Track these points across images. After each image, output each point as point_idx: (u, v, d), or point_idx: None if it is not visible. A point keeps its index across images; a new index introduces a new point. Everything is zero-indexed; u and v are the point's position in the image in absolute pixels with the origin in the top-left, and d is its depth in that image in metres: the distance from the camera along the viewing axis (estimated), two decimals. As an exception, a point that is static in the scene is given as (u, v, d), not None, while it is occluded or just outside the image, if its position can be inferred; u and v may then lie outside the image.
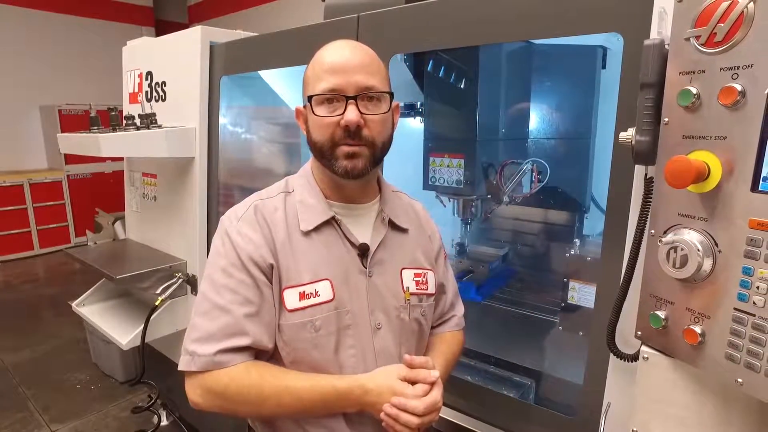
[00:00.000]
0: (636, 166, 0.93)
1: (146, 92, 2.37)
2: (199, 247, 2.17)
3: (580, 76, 1.77)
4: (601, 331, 1.02)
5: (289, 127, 2.56)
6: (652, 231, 0.80)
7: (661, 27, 0.87)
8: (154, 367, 2.23)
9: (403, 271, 1.08)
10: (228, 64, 2.05)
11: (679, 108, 0.72)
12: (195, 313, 0.97)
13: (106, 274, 2.08)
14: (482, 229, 2.17)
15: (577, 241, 1.77)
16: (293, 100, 2.35)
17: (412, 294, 1.07)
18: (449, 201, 1.92)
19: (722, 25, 0.65)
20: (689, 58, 0.71)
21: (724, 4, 0.65)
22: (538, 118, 1.90)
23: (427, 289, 1.11)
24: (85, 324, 3.46)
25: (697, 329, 0.73)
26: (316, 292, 0.97)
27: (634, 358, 0.89)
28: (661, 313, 0.79)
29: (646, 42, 0.80)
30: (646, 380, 0.85)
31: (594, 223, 1.84)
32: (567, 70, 1.82)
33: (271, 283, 0.97)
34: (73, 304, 2.50)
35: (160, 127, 2.08)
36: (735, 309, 0.69)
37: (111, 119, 2.10)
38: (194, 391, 0.95)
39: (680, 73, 0.72)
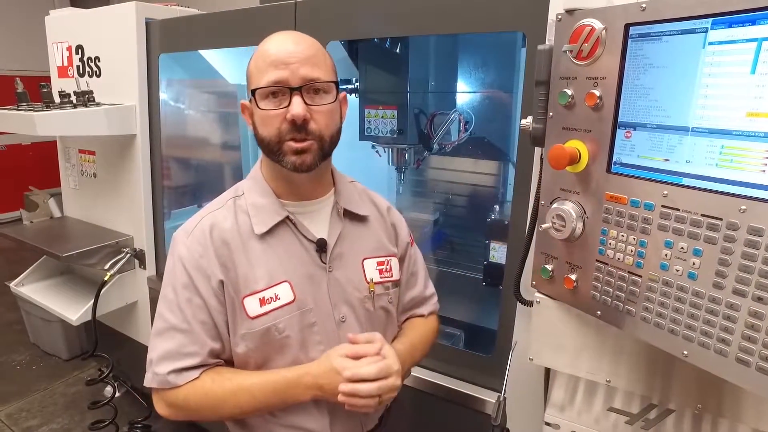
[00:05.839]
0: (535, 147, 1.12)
1: (78, 67, 2.33)
2: (145, 222, 2.22)
3: (505, 36, 1.92)
4: (511, 283, 1.24)
5: (226, 96, 2.61)
6: (542, 201, 1.01)
7: (552, 34, 1.05)
8: (103, 341, 2.28)
9: (365, 261, 1.07)
10: (165, 43, 2.06)
11: (560, 105, 0.91)
12: (153, 331, 0.99)
13: (51, 252, 2.09)
14: (415, 193, 2.36)
15: (496, 207, 2.01)
16: (230, 74, 2.39)
17: (376, 284, 1.07)
18: (384, 151, 2.06)
19: (586, 44, 0.84)
20: (566, 66, 0.90)
21: (587, 29, 0.83)
22: (465, 73, 2.06)
23: (391, 276, 1.11)
24: (21, 304, 3.38)
25: (573, 277, 0.96)
26: (276, 296, 0.97)
27: (532, 303, 1.11)
28: (549, 266, 1.01)
29: (539, 47, 0.98)
30: (538, 319, 1.08)
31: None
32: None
33: (224, 298, 0.97)
34: (12, 285, 2.48)
35: (98, 104, 2.07)
36: (596, 260, 0.91)
37: (43, 96, 2.07)
38: (160, 405, 0.99)
39: (560, 77, 0.91)
